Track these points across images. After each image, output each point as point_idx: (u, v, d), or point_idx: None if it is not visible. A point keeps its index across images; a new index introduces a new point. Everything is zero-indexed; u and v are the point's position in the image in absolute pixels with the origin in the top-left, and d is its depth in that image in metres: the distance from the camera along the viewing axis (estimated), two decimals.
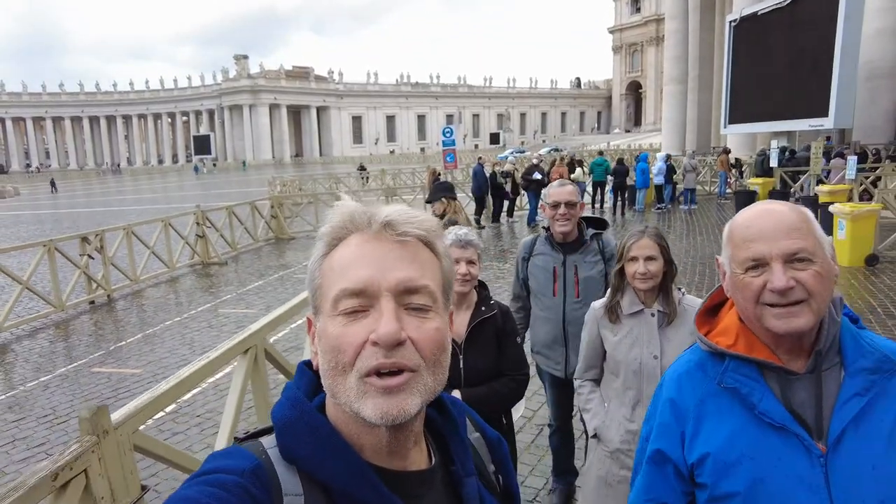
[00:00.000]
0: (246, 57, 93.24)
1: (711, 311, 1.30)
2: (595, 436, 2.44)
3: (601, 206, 18.28)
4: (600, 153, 20.40)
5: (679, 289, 2.40)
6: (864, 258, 9.34)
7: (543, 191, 3.26)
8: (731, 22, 28.21)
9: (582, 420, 2.65)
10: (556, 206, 3.00)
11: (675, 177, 18.86)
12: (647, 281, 2.29)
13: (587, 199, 17.83)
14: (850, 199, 12.08)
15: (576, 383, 2.62)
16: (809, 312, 1.06)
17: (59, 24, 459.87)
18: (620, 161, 18.55)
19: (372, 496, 0.70)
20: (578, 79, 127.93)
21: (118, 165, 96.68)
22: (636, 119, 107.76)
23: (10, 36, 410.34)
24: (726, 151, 23.12)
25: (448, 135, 14.35)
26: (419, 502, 0.76)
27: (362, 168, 36.81)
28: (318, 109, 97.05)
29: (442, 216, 4.65)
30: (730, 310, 1.25)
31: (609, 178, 17.91)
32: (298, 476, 0.70)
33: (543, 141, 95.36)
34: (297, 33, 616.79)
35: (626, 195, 17.50)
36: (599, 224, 3.19)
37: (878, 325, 6.56)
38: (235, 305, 9.23)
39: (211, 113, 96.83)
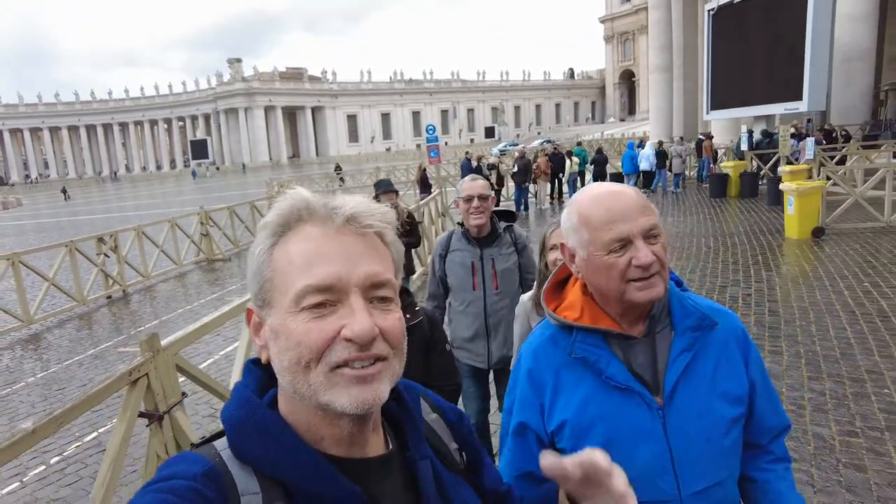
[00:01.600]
0: (239, 60, 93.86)
1: (557, 287, 1.39)
2: None
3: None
4: (578, 144, 21.32)
5: None
6: (810, 231, 10.23)
7: (457, 185, 3.35)
8: (709, 10, 29.00)
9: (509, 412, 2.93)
10: (469, 199, 3.05)
11: (666, 162, 19.83)
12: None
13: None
14: (809, 178, 12.96)
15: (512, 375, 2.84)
16: (661, 282, 1.18)
17: (49, 35, 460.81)
18: (599, 150, 19.52)
19: (330, 488, 0.70)
20: (571, 69, 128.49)
21: (115, 173, 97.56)
22: (630, 108, 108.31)
23: (1, 48, 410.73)
24: (709, 137, 23.95)
25: (431, 132, 15.30)
26: (378, 488, 0.76)
27: (338, 168, 37.81)
28: (313, 110, 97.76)
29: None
30: (573, 286, 1.34)
31: (589, 167, 18.81)
32: (255, 474, 0.70)
33: (538, 133, 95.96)
34: (289, 34, 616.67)
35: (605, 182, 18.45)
36: (509, 217, 3.29)
37: (819, 289, 7.47)
38: (241, 295, 10.15)
39: (207, 117, 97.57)
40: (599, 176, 18.51)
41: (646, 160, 18.92)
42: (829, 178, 11.57)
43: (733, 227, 11.94)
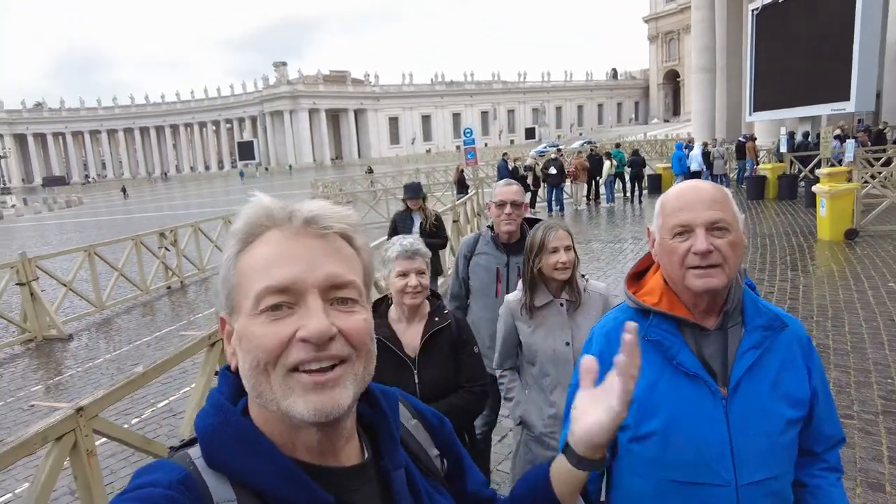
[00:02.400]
0: (285, 64, 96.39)
1: (638, 275, 1.46)
2: (520, 423, 2.53)
3: (628, 195, 19.31)
4: (617, 146, 21.57)
5: (583, 276, 2.53)
6: (843, 232, 10.30)
7: (490, 189, 3.30)
8: (753, 10, 28.62)
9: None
10: (502, 205, 2.98)
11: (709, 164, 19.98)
12: (567, 270, 2.36)
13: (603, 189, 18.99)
14: (849, 181, 12.91)
15: (497, 373, 2.66)
16: (723, 274, 1.23)
17: (100, 40, 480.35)
18: (636, 152, 19.63)
19: (303, 496, 0.70)
20: (615, 69, 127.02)
21: (166, 174, 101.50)
22: (675, 108, 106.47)
23: (59, 55, 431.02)
24: (752, 139, 23.74)
25: (468, 135, 15.83)
26: (353, 497, 0.76)
27: (370, 171, 38.84)
28: (356, 112, 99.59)
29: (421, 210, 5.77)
30: (654, 273, 1.40)
31: (627, 168, 19.01)
32: (229, 482, 0.70)
33: (580, 134, 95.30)
34: (330, 36, 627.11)
35: (642, 184, 18.64)
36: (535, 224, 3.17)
37: (842, 288, 7.66)
38: None
39: (253, 119, 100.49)
40: (636, 178, 18.68)
41: (695, 161, 19.19)
42: (866, 181, 11.56)
43: (766, 229, 12.04)
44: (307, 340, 0.68)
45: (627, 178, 19.23)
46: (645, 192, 19.73)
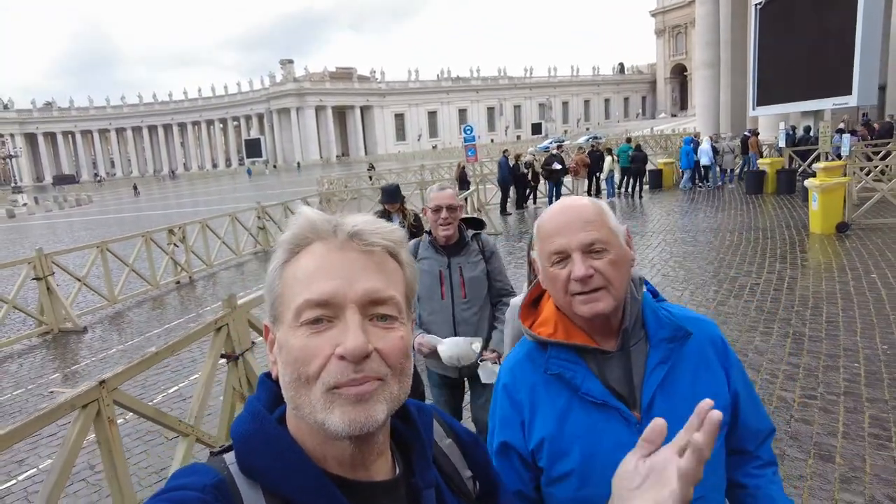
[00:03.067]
0: (291, 61, 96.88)
1: (533, 304, 1.39)
2: None
3: (629, 191, 19.58)
4: (627, 140, 21.83)
5: None
6: (834, 226, 10.53)
7: (425, 193, 3.28)
8: (756, 4, 28.67)
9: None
10: (437, 210, 2.99)
11: (717, 158, 20.28)
12: None
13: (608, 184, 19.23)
14: (844, 175, 13.10)
15: None
16: (609, 297, 1.17)
17: (109, 38, 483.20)
18: (638, 147, 19.85)
19: None
20: (622, 64, 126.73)
21: (173, 172, 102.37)
22: (682, 103, 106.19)
23: (68, 54, 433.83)
24: (755, 134, 23.90)
25: (469, 132, 16.10)
26: None
27: (371, 167, 39.23)
28: (362, 109, 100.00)
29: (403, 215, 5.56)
30: (548, 301, 1.33)
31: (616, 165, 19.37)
32: (261, 489, 0.71)
33: (587, 129, 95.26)
34: (337, 32, 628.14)
35: (643, 179, 18.96)
36: (476, 224, 3.22)
37: (826, 279, 7.92)
38: None
39: (260, 117, 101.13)
40: (637, 174, 18.94)
41: (705, 155, 19.46)
42: (864, 174, 11.76)
43: (761, 223, 12.27)
44: (344, 357, 0.68)
45: (617, 174, 19.43)
46: (646, 187, 19.96)
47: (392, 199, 5.68)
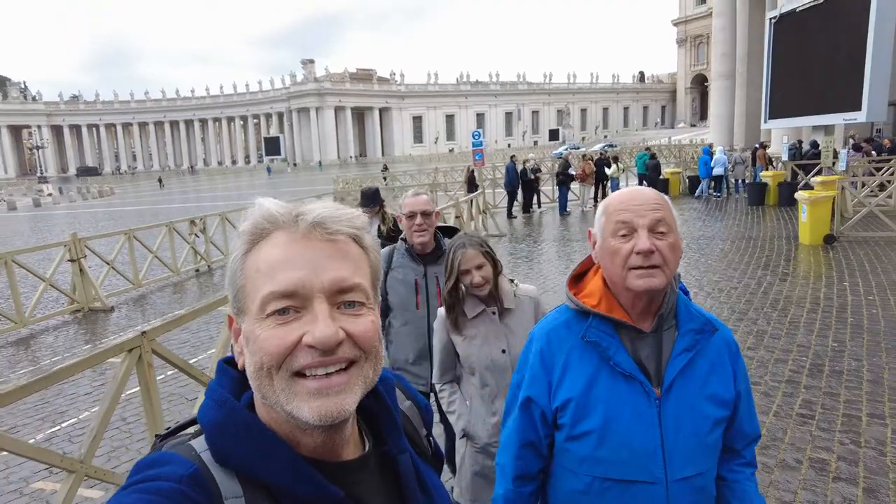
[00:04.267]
0: (312, 61, 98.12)
1: (578, 277, 1.51)
2: (464, 436, 2.49)
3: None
4: (647, 149, 22.72)
5: (512, 280, 2.51)
6: (822, 237, 10.99)
7: (399, 201, 3.24)
8: (770, 18, 28.97)
9: (443, 422, 2.89)
10: (412, 216, 2.91)
11: (728, 169, 20.84)
12: (485, 286, 2.36)
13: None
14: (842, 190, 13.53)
15: (437, 388, 2.62)
16: (663, 276, 1.29)
17: (132, 35, 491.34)
18: (653, 156, 20.52)
19: (312, 489, 0.71)
20: (642, 72, 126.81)
21: (192, 167, 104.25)
22: (702, 113, 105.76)
23: (92, 49, 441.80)
24: (763, 147, 24.27)
25: (476, 137, 16.75)
26: (358, 488, 0.77)
27: (385, 168, 40.13)
28: (381, 110, 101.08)
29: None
30: (595, 276, 1.45)
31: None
32: (236, 477, 0.70)
33: (605, 136, 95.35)
34: (354, 32, 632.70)
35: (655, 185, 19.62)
36: (453, 233, 3.03)
37: (801, 286, 8.42)
38: None
39: (280, 115, 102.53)
40: (651, 183, 19.60)
41: (720, 164, 20.00)
42: (854, 189, 12.19)
43: (755, 233, 12.75)
44: (313, 346, 0.68)
45: (634, 181, 19.99)
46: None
47: (369, 204, 5.44)
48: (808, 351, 5.75)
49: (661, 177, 21.82)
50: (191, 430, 0.79)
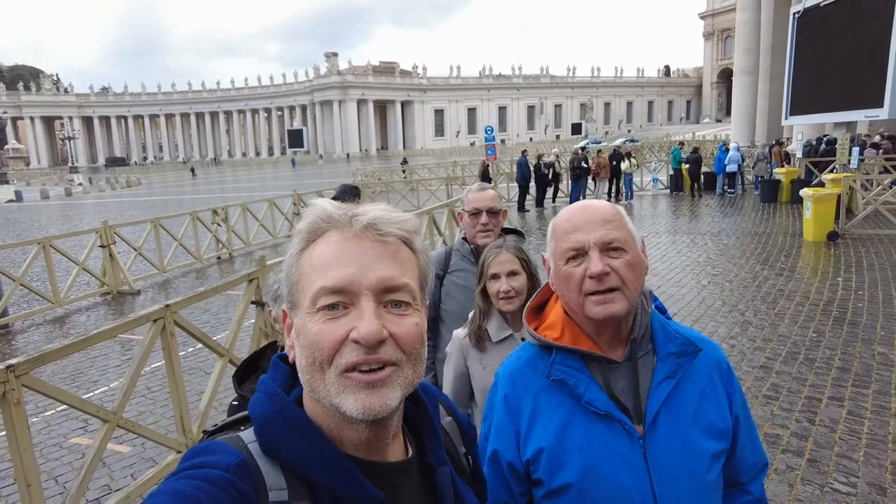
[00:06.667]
0: (335, 54, 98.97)
1: (539, 308, 1.37)
2: None
3: (681, 192, 20.51)
4: (681, 143, 22.98)
5: None
6: (825, 234, 11.15)
7: (461, 196, 3.01)
8: (794, 13, 28.69)
9: None
10: (476, 213, 2.61)
11: (743, 165, 20.92)
12: (512, 300, 2.06)
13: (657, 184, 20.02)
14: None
15: None
16: (623, 299, 1.15)
17: (157, 26, 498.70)
18: (695, 149, 20.77)
19: (353, 489, 0.72)
20: (667, 67, 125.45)
21: (216, 158, 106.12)
22: (728, 108, 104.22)
23: (119, 40, 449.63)
24: (779, 143, 24.21)
25: (489, 132, 17.12)
26: (397, 492, 0.78)
27: (405, 162, 40.73)
28: (403, 104, 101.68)
29: None
30: (555, 304, 1.31)
31: (685, 165, 20.11)
32: (281, 470, 0.72)
33: (629, 131, 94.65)
34: (378, 26, 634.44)
35: (702, 181, 20.04)
36: (518, 236, 2.71)
37: (795, 280, 8.69)
38: None
39: (303, 108, 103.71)
40: (692, 177, 19.85)
41: (734, 162, 20.10)
42: (860, 187, 12.31)
43: (762, 229, 12.93)
44: (358, 342, 0.71)
45: (649, 177, 20.15)
46: (665, 189, 20.61)
47: (346, 200, 5.69)
48: (787, 341, 6.06)
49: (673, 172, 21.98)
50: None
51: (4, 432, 2.87)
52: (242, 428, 0.79)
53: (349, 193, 5.63)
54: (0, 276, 8.80)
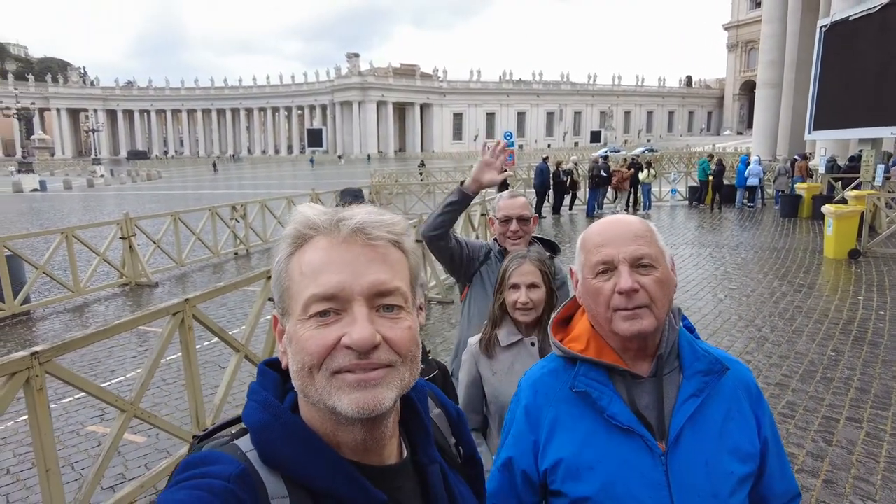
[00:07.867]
0: (357, 55, 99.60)
1: (565, 321, 1.36)
2: None
3: (701, 203, 20.43)
4: (710, 156, 22.95)
5: None
6: (847, 252, 10.99)
7: (491, 203, 2.73)
8: (822, 27, 28.35)
9: None
10: (506, 220, 2.64)
11: (763, 179, 20.80)
12: (529, 312, 2.08)
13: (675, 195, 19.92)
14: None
15: None
16: (651, 316, 1.14)
17: (180, 23, 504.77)
18: (720, 162, 20.66)
19: (356, 493, 0.72)
20: (689, 77, 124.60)
21: (234, 155, 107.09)
22: (749, 121, 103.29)
23: (142, 36, 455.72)
24: (804, 158, 23.94)
25: (508, 137, 17.10)
26: (399, 494, 0.79)
27: (422, 164, 40.94)
28: (422, 106, 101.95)
29: None
30: (581, 317, 1.30)
31: (710, 177, 20.07)
32: (282, 478, 0.72)
33: (648, 140, 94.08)
34: (398, 27, 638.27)
35: (723, 193, 20.02)
36: (551, 247, 2.79)
37: (812, 297, 8.58)
38: None
39: (323, 108, 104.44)
40: (716, 188, 19.80)
41: (754, 175, 19.94)
42: (884, 204, 12.12)
43: (781, 244, 12.78)
44: (351, 347, 0.71)
45: (667, 188, 20.04)
46: (683, 201, 20.46)
47: (350, 202, 5.27)
48: (805, 358, 5.98)
49: (694, 184, 21.82)
50: (232, 430, 0.81)
51: (24, 417, 2.92)
52: (234, 433, 0.78)
53: (351, 196, 5.57)
54: (23, 263, 8.95)
